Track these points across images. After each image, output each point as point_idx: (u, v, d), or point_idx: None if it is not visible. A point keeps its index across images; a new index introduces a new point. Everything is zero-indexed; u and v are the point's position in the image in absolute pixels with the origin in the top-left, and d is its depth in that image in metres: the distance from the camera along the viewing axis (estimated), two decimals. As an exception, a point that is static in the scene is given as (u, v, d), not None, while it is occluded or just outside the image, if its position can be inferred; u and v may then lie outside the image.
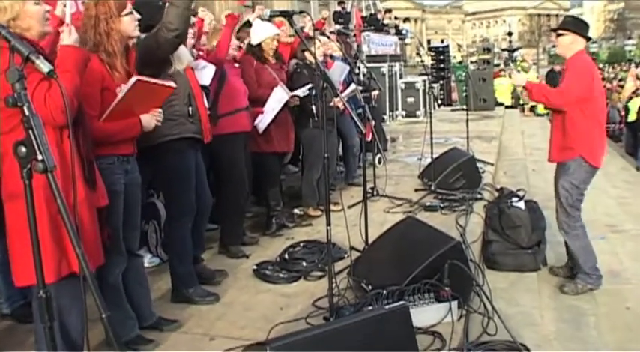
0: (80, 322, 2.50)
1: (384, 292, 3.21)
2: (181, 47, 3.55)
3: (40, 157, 1.69)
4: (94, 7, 2.87)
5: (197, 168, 3.74)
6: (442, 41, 28.54)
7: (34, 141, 1.69)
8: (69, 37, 2.46)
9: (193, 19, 4.20)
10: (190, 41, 4.04)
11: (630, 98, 11.83)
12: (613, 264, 4.97)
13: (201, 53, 4.45)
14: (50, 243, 2.28)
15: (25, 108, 1.69)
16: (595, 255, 4.41)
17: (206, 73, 4.15)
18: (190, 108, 3.59)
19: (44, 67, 1.76)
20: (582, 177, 4.30)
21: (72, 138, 2.17)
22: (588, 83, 4.22)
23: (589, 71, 4.29)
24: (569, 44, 4.31)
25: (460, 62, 21.89)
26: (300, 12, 3.78)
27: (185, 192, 3.63)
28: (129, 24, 2.93)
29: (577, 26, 4.35)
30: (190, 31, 3.92)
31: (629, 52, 42.42)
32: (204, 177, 3.92)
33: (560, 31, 4.37)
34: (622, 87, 16.47)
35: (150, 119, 3.02)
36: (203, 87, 3.95)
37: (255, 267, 4.23)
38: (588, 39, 4.48)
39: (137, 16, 3.04)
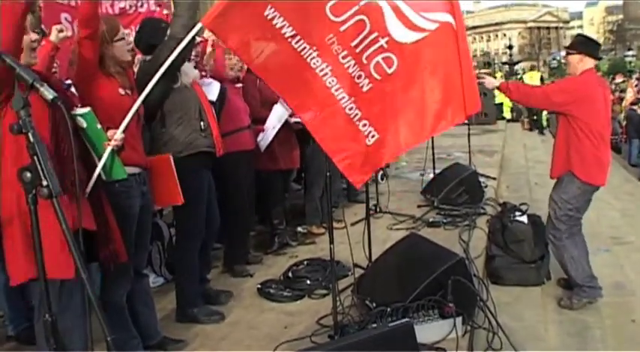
0: (82, 343, 2.51)
1: (388, 309, 3.21)
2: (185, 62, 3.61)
3: (44, 183, 1.71)
4: None
5: (208, 188, 3.78)
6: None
7: (39, 167, 1.71)
8: None
9: (198, 39, 4.25)
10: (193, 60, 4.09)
11: None
12: (618, 276, 4.97)
13: (203, 73, 4.50)
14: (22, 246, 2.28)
15: (30, 134, 1.72)
16: (588, 266, 4.38)
17: (212, 89, 4.21)
18: (202, 123, 3.63)
19: (48, 94, 1.78)
20: (574, 193, 4.31)
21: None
22: (574, 98, 4.24)
23: (582, 87, 4.30)
24: (577, 63, 4.39)
25: (461, 76, 21.84)
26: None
27: (195, 213, 3.65)
28: (121, 49, 2.93)
29: (586, 46, 4.44)
30: (193, 51, 3.97)
31: (630, 63, 42.38)
32: (214, 198, 3.93)
33: (569, 51, 4.47)
34: (622, 98, 16.46)
35: None
36: (211, 102, 3.99)
37: (259, 286, 4.24)
38: (599, 59, 4.57)
39: (130, 39, 3.07)
